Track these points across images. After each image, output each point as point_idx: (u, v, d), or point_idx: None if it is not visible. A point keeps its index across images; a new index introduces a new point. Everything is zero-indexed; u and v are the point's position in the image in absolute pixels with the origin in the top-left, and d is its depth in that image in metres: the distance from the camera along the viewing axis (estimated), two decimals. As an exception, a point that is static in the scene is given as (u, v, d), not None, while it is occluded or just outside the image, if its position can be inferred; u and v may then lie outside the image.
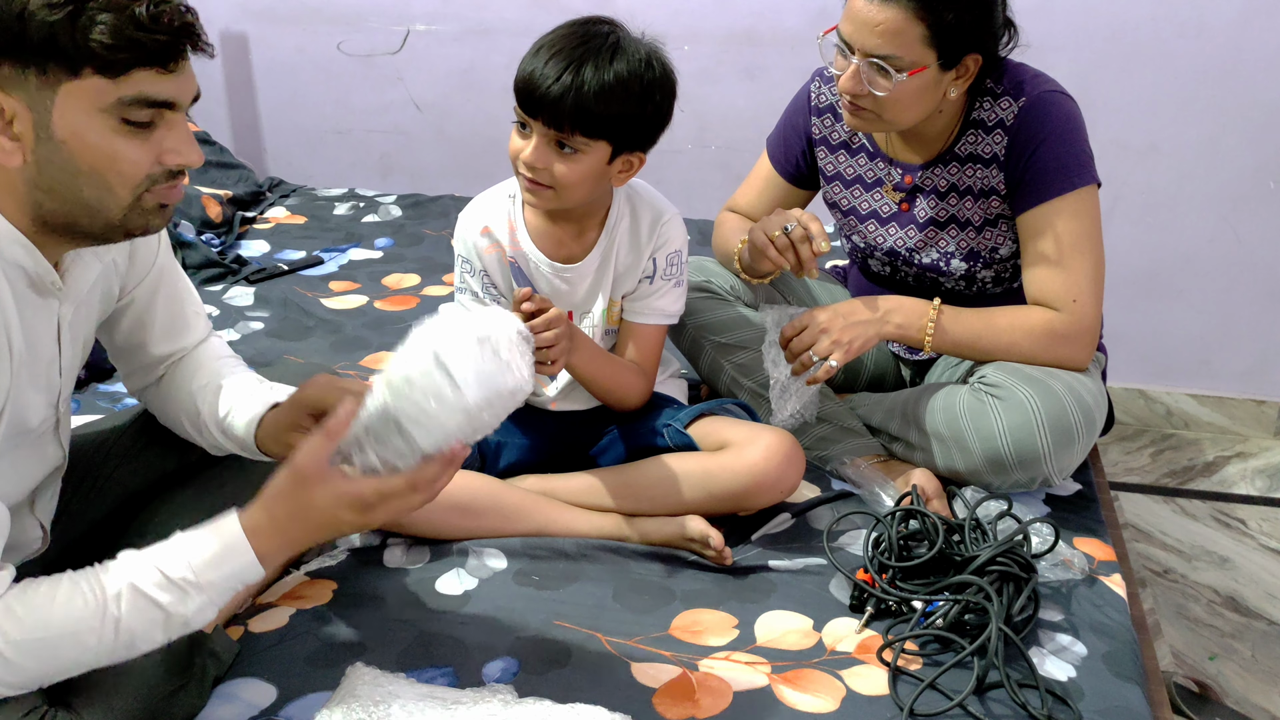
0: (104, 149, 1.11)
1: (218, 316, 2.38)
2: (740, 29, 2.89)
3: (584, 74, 1.51)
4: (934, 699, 1.34)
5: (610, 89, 1.52)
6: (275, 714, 1.32)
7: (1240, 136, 2.70)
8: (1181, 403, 2.98)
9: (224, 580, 1.17)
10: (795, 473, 1.67)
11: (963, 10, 1.62)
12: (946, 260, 1.86)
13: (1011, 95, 1.74)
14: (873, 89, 1.66)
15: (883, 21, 1.62)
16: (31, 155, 1.11)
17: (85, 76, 1.08)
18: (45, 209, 1.14)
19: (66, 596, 1.13)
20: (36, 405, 1.25)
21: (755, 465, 1.63)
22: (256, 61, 3.21)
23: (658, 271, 1.72)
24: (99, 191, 1.13)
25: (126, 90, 1.10)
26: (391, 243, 2.79)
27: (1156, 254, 2.84)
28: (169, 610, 1.15)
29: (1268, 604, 2.32)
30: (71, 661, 1.15)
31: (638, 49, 1.56)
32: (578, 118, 1.53)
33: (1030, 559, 1.50)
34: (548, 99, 1.52)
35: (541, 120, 1.54)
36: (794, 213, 1.74)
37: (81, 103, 1.09)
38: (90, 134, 1.10)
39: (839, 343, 1.69)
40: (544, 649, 1.43)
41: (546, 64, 1.52)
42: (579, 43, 1.53)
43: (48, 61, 1.07)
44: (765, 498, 1.67)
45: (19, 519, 1.31)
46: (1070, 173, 1.72)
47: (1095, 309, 1.74)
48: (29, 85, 1.08)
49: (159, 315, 1.45)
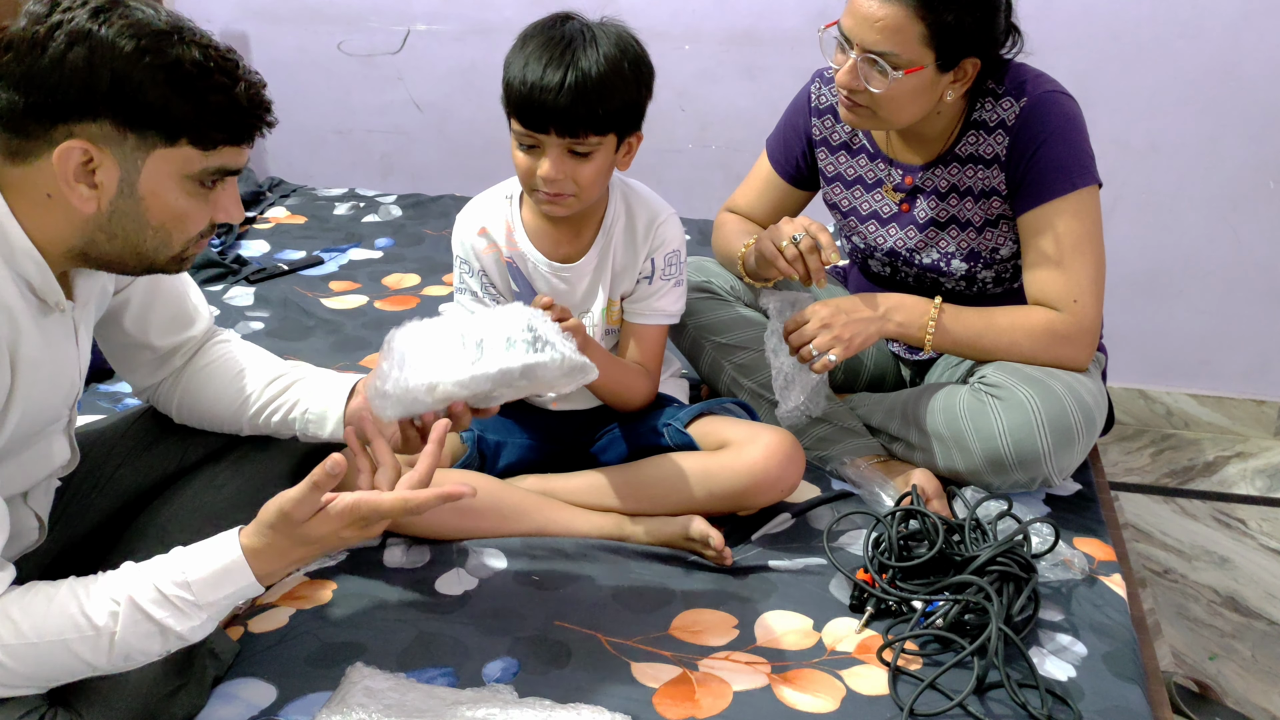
0: (177, 209, 1.19)
1: (218, 317, 2.37)
2: (740, 29, 2.89)
3: (581, 75, 1.51)
4: (934, 699, 1.34)
5: (608, 81, 1.52)
6: (275, 714, 1.32)
7: (1240, 136, 2.70)
8: (1181, 403, 2.98)
9: (223, 600, 1.19)
10: (795, 472, 1.67)
11: (963, 12, 1.63)
12: (947, 261, 1.86)
13: (1013, 95, 1.74)
14: (869, 85, 1.66)
15: (883, 17, 1.62)
16: (108, 205, 1.16)
17: (180, 146, 1.15)
18: (97, 248, 1.19)
19: (62, 606, 1.15)
20: (55, 407, 1.28)
21: (755, 464, 1.63)
22: (257, 61, 3.21)
23: (656, 272, 1.72)
24: (159, 243, 1.20)
25: (213, 162, 1.18)
26: (392, 243, 2.79)
27: (1156, 254, 2.84)
28: (165, 626, 1.16)
29: (1268, 604, 2.32)
30: (65, 670, 1.17)
31: (606, 33, 1.56)
32: (589, 120, 1.53)
33: (1030, 559, 1.50)
34: (557, 111, 1.51)
35: (553, 132, 1.53)
36: (802, 221, 1.74)
37: (170, 167, 1.16)
38: (169, 195, 1.17)
39: (839, 338, 1.69)
40: (544, 649, 1.43)
41: (542, 75, 1.51)
42: (562, 45, 1.53)
43: (149, 128, 1.13)
44: (765, 497, 1.67)
45: (12, 509, 1.32)
46: (1072, 173, 1.72)
47: (1096, 309, 1.75)
48: (125, 145, 1.13)
49: (163, 308, 1.47)
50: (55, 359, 1.24)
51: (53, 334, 1.23)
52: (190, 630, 1.18)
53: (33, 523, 1.37)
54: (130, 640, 1.15)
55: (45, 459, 1.34)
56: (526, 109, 1.53)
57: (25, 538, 1.37)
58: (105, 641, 1.15)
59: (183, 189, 1.17)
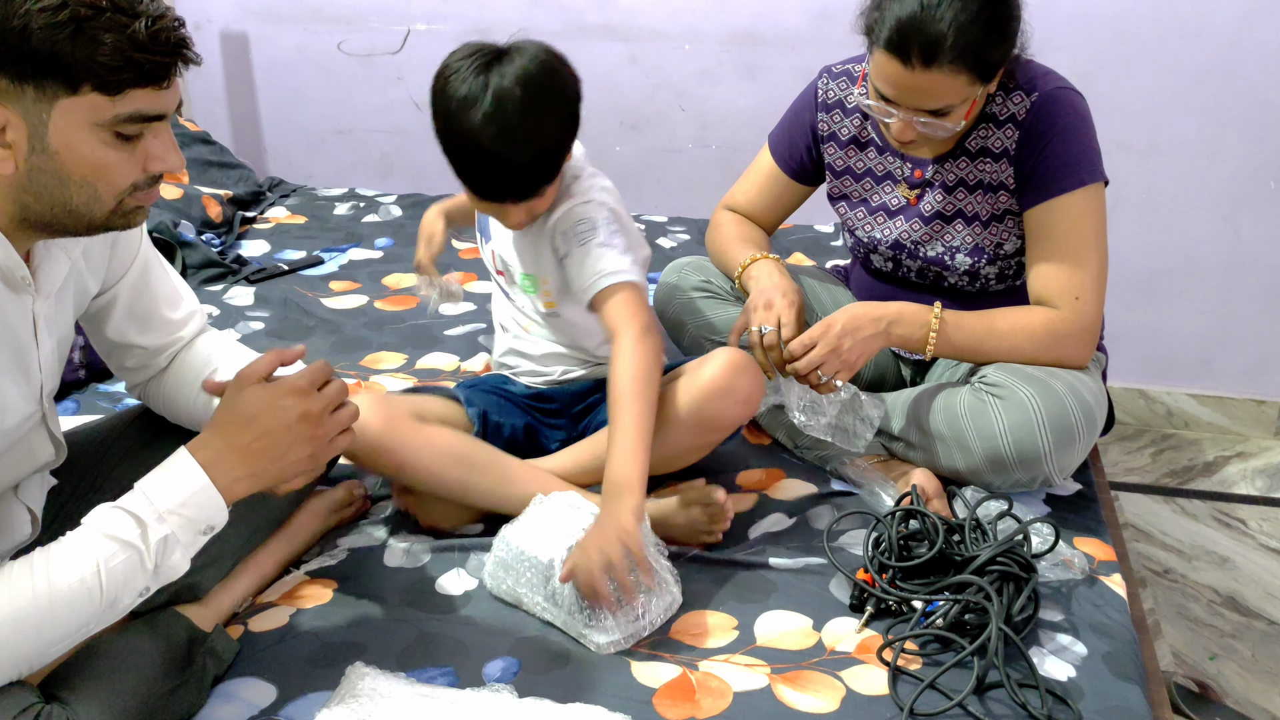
0: (95, 160, 1.13)
1: (218, 316, 2.38)
2: (740, 29, 2.89)
3: (507, 156, 1.56)
4: (934, 699, 1.34)
5: (533, 155, 1.57)
6: (275, 714, 1.32)
7: (1240, 136, 2.70)
8: (1181, 403, 2.98)
9: (183, 509, 1.18)
10: (749, 381, 1.67)
11: (998, 41, 1.62)
12: (951, 254, 1.86)
13: (1024, 91, 1.74)
14: (929, 132, 1.67)
15: (929, 87, 1.61)
16: (24, 164, 1.12)
17: (84, 93, 1.10)
18: (30, 210, 1.16)
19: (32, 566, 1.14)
20: (13, 397, 1.25)
21: (706, 379, 1.66)
22: (257, 61, 3.21)
23: (569, 244, 1.68)
24: (87, 198, 1.16)
25: (123, 108, 1.12)
26: (392, 243, 2.79)
27: (1156, 254, 2.84)
28: (132, 543, 1.15)
29: (1268, 604, 2.32)
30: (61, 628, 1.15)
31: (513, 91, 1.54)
32: (531, 192, 1.61)
33: (1030, 559, 1.50)
34: (496, 193, 1.60)
35: (497, 202, 1.62)
36: (776, 314, 1.75)
37: (78, 117, 1.11)
38: (83, 146, 1.12)
39: (846, 362, 1.70)
40: (544, 649, 1.43)
41: (473, 166, 1.58)
42: (481, 134, 1.54)
43: (46, 78, 1.08)
44: (729, 412, 1.68)
45: (2, 503, 1.32)
46: (1080, 169, 1.72)
47: (1097, 307, 1.75)
48: (25, 98, 1.09)
49: (148, 307, 1.46)
50: (12, 342, 1.23)
51: (10, 314, 1.21)
52: (160, 545, 1.16)
53: (25, 516, 1.37)
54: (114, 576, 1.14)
55: (27, 456, 1.33)
56: (470, 188, 1.63)
57: (18, 531, 1.36)
58: (90, 576, 1.14)
59: (99, 139, 1.12)
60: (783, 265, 1.90)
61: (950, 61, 1.58)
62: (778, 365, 1.73)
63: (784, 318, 1.74)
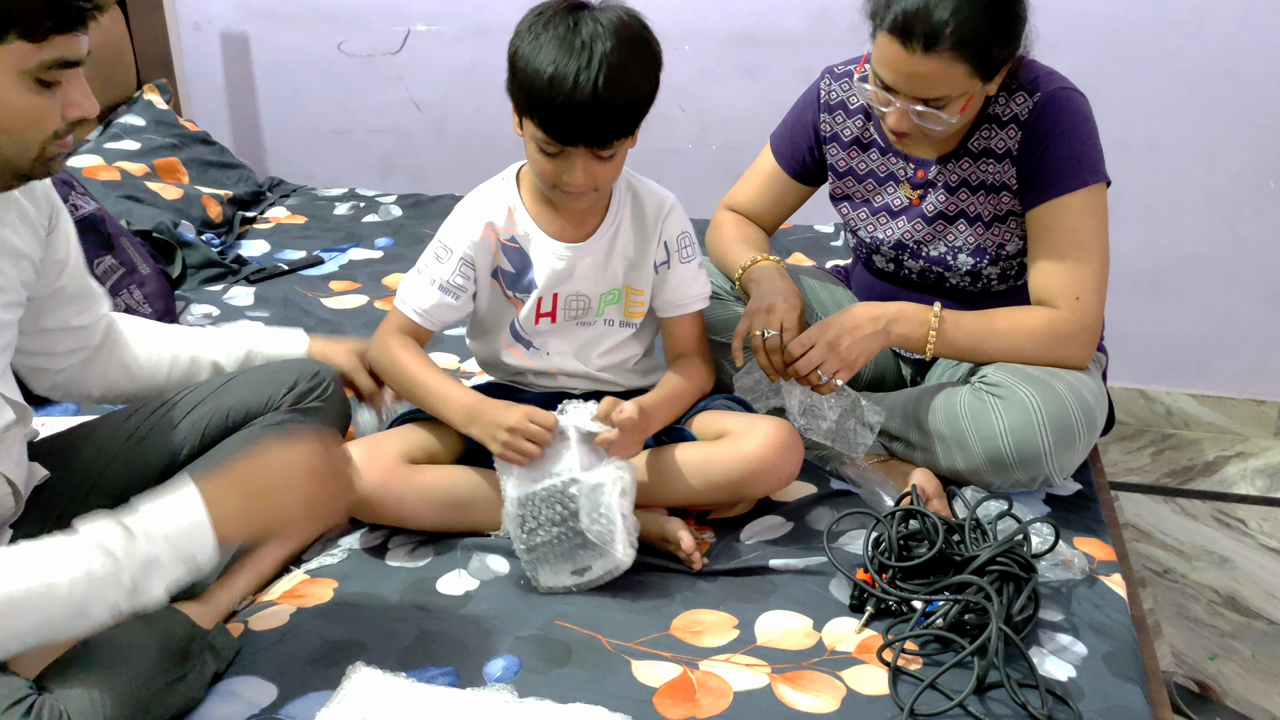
0: (23, 107, 1.17)
1: (218, 316, 2.38)
2: (740, 29, 2.89)
3: (609, 89, 1.48)
4: (934, 699, 1.34)
5: (632, 87, 1.51)
6: (275, 713, 1.32)
7: (1240, 137, 2.70)
8: (1181, 403, 2.98)
9: (171, 532, 1.18)
10: (794, 460, 1.67)
11: (1002, 38, 1.62)
12: (954, 254, 1.86)
13: (1027, 91, 1.74)
14: (924, 124, 1.67)
15: (926, 73, 1.61)
16: None
17: (10, 41, 1.13)
18: None
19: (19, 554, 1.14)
20: None
21: (754, 453, 1.64)
22: (257, 61, 3.21)
23: (671, 255, 1.72)
24: (14, 146, 1.20)
25: (48, 54, 1.16)
26: (392, 243, 2.79)
27: (1156, 254, 2.84)
28: (112, 551, 1.14)
29: (1268, 604, 2.32)
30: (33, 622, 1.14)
31: (617, 26, 1.51)
32: (618, 129, 1.53)
33: (1030, 559, 1.50)
34: (588, 127, 1.50)
35: (583, 145, 1.53)
36: (778, 317, 1.74)
37: (4, 65, 1.15)
38: (9, 93, 1.16)
39: (846, 361, 1.70)
40: (544, 649, 1.43)
41: (571, 90, 1.47)
42: (584, 53, 1.48)
43: None
44: (764, 485, 1.68)
45: None
46: (1082, 169, 1.72)
47: (1098, 307, 1.75)
48: None
49: (82, 286, 1.50)
50: None
51: None
52: (142, 565, 1.15)
53: (4, 489, 1.36)
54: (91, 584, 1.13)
55: None
56: (555, 122, 1.51)
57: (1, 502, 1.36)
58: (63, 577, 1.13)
59: (24, 86, 1.16)
60: (783, 267, 1.90)
61: (950, 49, 1.58)
62: (779, 370, 1.73)
63: (785, 322, 1.74)
